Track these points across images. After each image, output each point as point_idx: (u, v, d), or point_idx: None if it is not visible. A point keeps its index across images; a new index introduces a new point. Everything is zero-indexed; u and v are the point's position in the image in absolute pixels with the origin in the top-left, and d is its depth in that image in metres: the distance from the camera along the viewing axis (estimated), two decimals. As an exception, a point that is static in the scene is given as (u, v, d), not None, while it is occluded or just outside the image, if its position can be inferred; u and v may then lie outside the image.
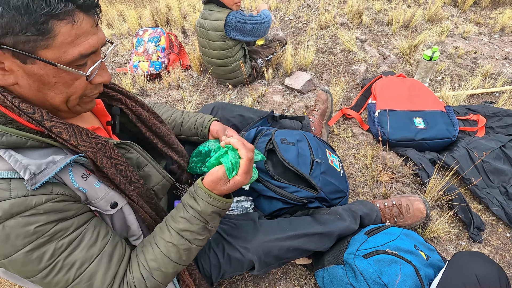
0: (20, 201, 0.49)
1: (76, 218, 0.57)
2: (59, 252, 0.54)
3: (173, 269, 0.67)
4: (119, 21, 4.04)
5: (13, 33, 0.47)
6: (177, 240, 0.66)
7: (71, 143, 0.56)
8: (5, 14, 0.45)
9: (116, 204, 0.64)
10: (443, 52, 2.56)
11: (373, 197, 1.39)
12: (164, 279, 0.66)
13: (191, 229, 0.67)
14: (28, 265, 0.52)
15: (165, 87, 2.33)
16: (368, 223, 1.11)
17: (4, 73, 0.51)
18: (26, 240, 0.50)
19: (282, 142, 1.10)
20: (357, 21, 2.99)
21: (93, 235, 0.59)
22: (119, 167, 0.64)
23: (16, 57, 0.49)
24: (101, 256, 0.59)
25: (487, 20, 3.15)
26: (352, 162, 1.57)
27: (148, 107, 0.87)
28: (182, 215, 0.68)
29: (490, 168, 1.41)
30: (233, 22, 1.86)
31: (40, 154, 0.54)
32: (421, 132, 1.54)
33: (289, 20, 3.17)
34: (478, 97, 2.04)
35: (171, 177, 0.80)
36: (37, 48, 0.49)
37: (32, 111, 0.53)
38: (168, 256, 0.66)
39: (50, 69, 0.52)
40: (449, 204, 1.33)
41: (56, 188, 0.54)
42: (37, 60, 0.50)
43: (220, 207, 0.68)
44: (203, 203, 0.67)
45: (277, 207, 1.09)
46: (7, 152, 0.51)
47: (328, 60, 2.45)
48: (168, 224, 0.69)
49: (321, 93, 1.66)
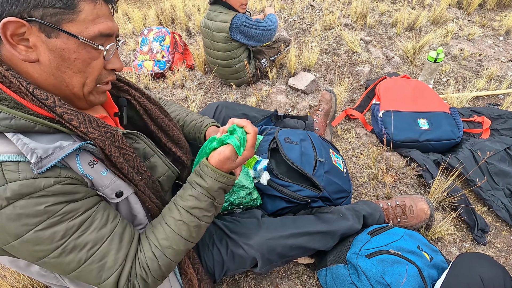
0: (29, 183, 0.50)
1: (85, 200, 0.58)
2: (71, 232, 0.55)
3: (184, 246, 0.68)
4: (124, 21, 4.06)
5: (42, 5, 0.50)
6: (187, 217, 0.68)
7: (80, 130, 0.57)
8: None
9: (121, 193, 0.65)
10: (448, 54, 2.56)
11: (377, 198, 1.39)
12: (176, 256, 0.68)
13: (200, 206, 0.69)
14: (40, 244, 0.52)
15: (169, 86, 2.34)
16: (371, 223, 1.11)
17: (27, 50, 0.53)
18: (38, 219, 0.51)
19: (285, 141, 1.11)
20: (362, 23, 2.99)
21: (103, 216, 0.60)
22: (127, 157, 0.65)
23: (42, 31, 0.52)
24: (112, 237, 0.60)
25: (493, 23, 3.14)
26: (355, 163, 1.57)
27: (155, 100, 0.88)
28: (191, 193, 0.70)
29: (495, 170, 1.40)
30: (238, 25, 1.86)
31: (48, 139, 0.55)
32: (425, 133, 1.54)
33: (294, 21, 3.17)
34: (483, 99, 2.03)
35: (176, 168, 0.81)
36: (63, 21, 0.53)
37: (45, 97, 0.54)
38: (179, 234, 0.67)
39: (72, 43, 0.55)
40: (453, 206, 1.32)
41: (64, 171, 0.55)
42: (61, 34, 0.53)
43: (226, 183, 0.71)
44: (210, 180, 0.70)
45: (281, 206, 1.09)
46: (15, 135, 0.51)
47: (332, 61, 2.45)
48: (177, 204, 0.70)
49: (325, 93, 1.66)
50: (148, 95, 0.86)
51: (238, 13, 1.88)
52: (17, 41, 0.52)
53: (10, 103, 0.52)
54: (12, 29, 0.50)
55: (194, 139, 1.03)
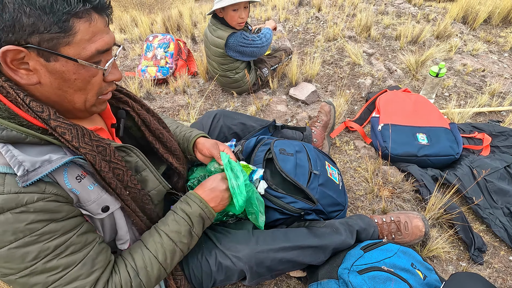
0: (12, 197, 0.50)
1: (65, 222, 0.57)
2: (43, 254, 0.54)
3: (157, 271, 0.70)
4: (132, 26, 4.13)
5: (39, 31, 0.50)
6: (166, 240, 0.72)
7: (72, 144, 0.58)
8: (31, 14, 0.48)
9: (107, 208, 0.65)
10: (451, 68, 2.55)
11: (373, 212, 1.37)
12: (148, 280, 0.68)
13: (179, 230, 0.74)
14: (10, 262, 0.52)
15: (171, 92, 2.36)
16: (365, 238, 1.09)
17: (28, 73, 0.54)
18: (13, 237, 0.51)
19: (280, 152, 1.10)
20: (365, 35, 3.00)
21: (80, 241, 0.59)
22: (117, 171, 0.65)
23: (40, 56, 0.52)
24: (84, 262, 0.59)
25: (498, 39, 3.14)
26: (352, 175, 1.56)
27: (153, 111, 0.89)
28: (172, 218, 0.76)
29: (494, 188, 1.38)
30: (235, 45, 1.85)
31: (38, 151, 0.55)
32: (424, 148, 1.52)
33: (297, 31, 3.20)
34: (485, 116, 2.01)
35: (167, 183, 0.82)
36: (60, 45, 0.53)
37: (41, 109, 0.55)
38: (155, 256, 0.70)
39: (71, 65, 0.55)
40: (450, 223, 1.30)
41: (50, 187, 0.54)
42: (59, 57, 0.54)
43: (207, 214, 0.80)
44: (194, 205, 0.78)
45: (274, 217, 1.08)
46: (5, 146, 0.52)
47: (334, 72, 2.46)
48: (158, 227, 0.75)
49: (324, 104, 1.66)
50: (147, 106, 0.87)
51: (235, 31, 1.86)
52: (17, 66, 0.53)
53: (4, 113, 0.53)
54: (11, 56, 0.51)
55: (184, 150, 1.03)
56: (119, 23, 4.26)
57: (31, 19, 0.49)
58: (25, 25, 0.49)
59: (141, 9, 6.48)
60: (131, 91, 0.85)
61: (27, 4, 0.48)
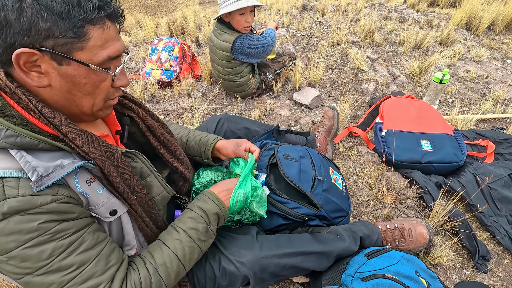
0: (27, 200, 0.51)
1: (77, 221, 0.59)
2: (58, 252, 0.56)
3: (176, 267, 0.71)
4: (136, 29, 4.16)
5: (54, 36, 0.51)
6: (184, 237, 0.74)
7: (83, 150, 0.59)
8: (48, 19, 0.50)
9: (115, 211, 0.66)
10: (454, 75, 2.55)
11: (376, 218, 1.37)
12: (167, 277, 0.69)
13: (197, 227, 0.77)
14: (26, 261, 0.53)
15: (175, 95, 2.37)
16: (368, 245, 1.09)
17: (39, 76, 0.55)
18: (28, 236, 0.52)
19: (285, 157, 1.11)
20: (369, 40, 3.01)
21: (92, 238, 0.61)
22: (124, 176, 0.67)
23: (54, 59, 0.54)
24: (98, 259, 0.61)
25: (501, 45, 3.14)
26: (356, 181, 1.56)
27: (157, 117, 0.90)
28: (190, 215, 0.78)
29: (498, 195, 1.37)
30: (242, 48, 1.87)
31: (50, 157, 0.57)
32: (427, 154, 1.52)
33: (301, 36, 3.22)
34: (489, 122, 2.01)
35: (171, 189, 0.83)
36: (73, 50, 0.54)
37: (53, 115, 0.57)
38: (174, 252, 0.72)
39: (82, 70, 0.57)
40: (454, 230, 1.30)
41: (62, 190, 0.56)
42: (71, 61, 0.55)
43: (222, 212, 0.83)
44: (211, 203, 0.81)
45: (277, 223, 1.08)
46: (19, 152, 0.53)
47: (337, 77, 2.47)
48: (176, 225, 0.77)
49: (327, 110, 1.66)
50: (151, 112, 0.88)
51: (241, 34, 1.88)
52: (29, 68, 0.54)
53: (17, 120, 0.55)
54: (25, 58, 0.52)
55: (199, 154, 1.05)
56: (124, 25, 4.29)
57: (47, 23, 0.50)
58: (41, 30, 0.50)
59: (146, 11, 6.52)
60: (136, 97, 0.86)
61: (45, 10, 0.49)
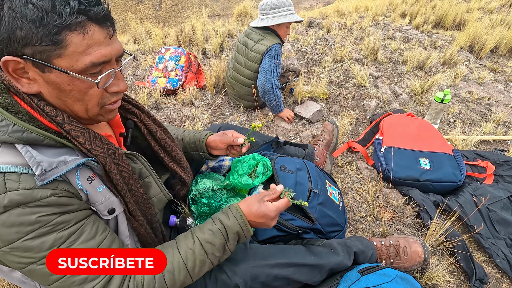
0: (27, 193, 0.53)
1: (77, 213, 0.60)
2: (59, 243, 0.57)
3: (183, 277, 0.70)
4: (146, 38, 4.27)
5: (31, 43, 0.51)
6: (198, 249, 0.72)
7: (85, 147, 0.61)
8: (23, 26, 0.50)
9: (113, 210, 0.67)
10: (456, 95, 2.57)
11: (372, 234, 1.36)
12: (173, 284, 0.68)
13: (213, 242, 0.73)
14: (28, 251, 0.54)
15: (179, 103, 2.41)
16: (362, 261, 1.08)
17: (29, 82, 0.56)
18: (30, 228, 0.53)
19: (281, 169, 1.11)
20: (372, 58, 3.06)
21: (92, 229, 0.62)
22: (123, 174, 0.68)
23: (36, 66, 0.54)
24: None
25: (504, 68, 3.17)
26: (353, 196, 1.55)
27: (159, 122, 0.92)
28: (210, 228, 0.75)
29: (496, 217, 1.36)
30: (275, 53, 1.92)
31: (54, 153, 0.58)
32: (426, 173, 1.52)
33: (306, 51, 3.28)
34: (489, 144, 2.01)
35: (168, 192, 0.83)
36: (52, 57, 0.53)
37: (55, 114, 0.58)
38: (185, 262, 0.70)
39: (64, 77, 0.55)
40: (451, 251, 1.28)
41: (62, 185, 0.57)
42: (52, 69, 0.54)
43: (244, 232, 0.77)
44: (233, 220, 0.76)
45: (271, 234, 1.08)
46: (24, 147, 0.55)
47: (339, 93, 2.49)
48: (194, 233, 0.75)
49: (327, 124, 1.68)
50: (154, 117, 0.90)
51: (280, 42, 1.96)
52: (20, 75, 0.55)
53: (24, 117, 0.56)
54: (12, 66, 0.54)
55: (195, 149, 1.07)
56: (134, 34, 4.40)
57: (23, 31, 0.50)
58: (19, 38, 0.50)
59: (157, 21, 6.69)
60: (139, 102, 0.89)
61: (19, 18, 0.49)
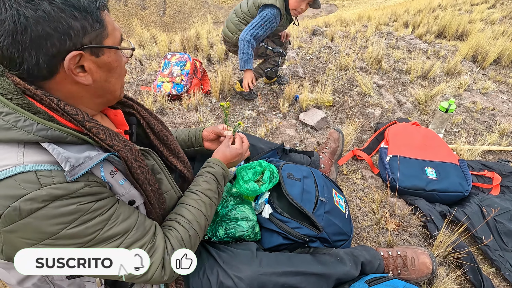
0: (63, 186, 0.55)
1: (110, 198, 0.63)
2: (101, 225, 0.60)
3: (204, 221, 0.82)
4: (151, 43, 4.31)
5: (87, 32, 0.57)
6: (203, 197, 0.84)
7: (107, 143, 0.63)
8: (80, 17, 0.55)
9: (133, 202, 0.70)
10: (460, 105, 2.57)
11: (378, 244, 1.34)
12: (200, 230, 0.79)
13: (211, 188, 0.87)
14: (74, 238, 0.58)
15: (184, 108, 2.42)
16: (369, 271, 1.06)
17: (85, 75, 0.60)
18: (72, 217, 0.56)
19: (288, 176, 1.11)
20: (376, 67, 3.07)
21: (125, 210, 0.66)
22: (141, 169, 0.70)
23: (93, 53, 0.59)
24: (137, 226, 0.67)
25: (507, 79, 3.18)
26: (359, 205, 1.54)
27: (156, 115, 0.93)
28: (202, 179, 0.89)
29: (504, 229, 1.34)
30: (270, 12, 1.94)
31: (77, 149, 0.60)
32: (432, 182, 1.51)
33: (310, 59, 3.30)
34: (494, 154, 2.00)
35: (179, 189, 0.85)
36: (103, 39, 0.60)
37: (75, 112, 0.60)
38: (199, 209, 0.81)
39: (113, 54, 0.63)
40: (458, 262, 1.26)
41: (91, 177, 0.60)
42: (105, 50, 0.61)
43: (226, 171, 0.95)
44: (217, 167, 0.93)
45: (277, 242, 1.07)
46: (50, 145, 0.56)
47: (344, 101, 2.50)
48: (193, 189, 0.86)
49: (333, 132, 1.68)
50: (150, 110, 0.92)
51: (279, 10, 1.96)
52: (75, 71, 0.58)
53: (45, 116, 0.57)
54: (73, 62, 0.57)
55: (190, 144, 1.14)
56: (139, 39, 4.45)
57: (81, 21, 0.55)
58: (76, 29, 0.55)
59: (162, 27, 6.76)
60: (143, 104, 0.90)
61: (73, 9, 0.54)
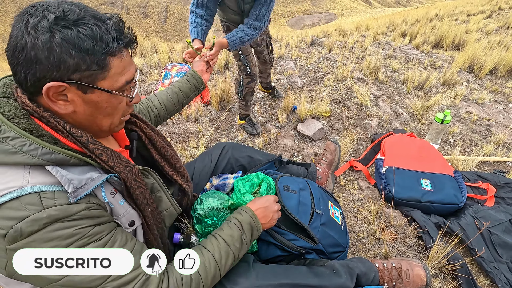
0: (64, 208, 0.57)
1: (108, 224, 0.65)
2: None
3: (214, 269, 0.77)
4: (152, 52, 4.37)
5: (80, 70, 0.57)
6: (221, 242, 0.82)
7: (108, 164, 0.66)
8: (76, 55, 0.56)
9: (133, 223, 0.72)
10: (457, 115, 2.61)
11: (374, 255, 1.36)
12: (205, 277, 0.75)
13: (233, 235, 0.84)
14: None
15: (183, 118, 2.45)
16: (365, 283, 1.08)
17: (65, 104, 0.61)
18: (68, 241, 0.57)
19: (284, 189, 1.13)
20: (373, 77, 3.12)
21: (122, 237, 0.67)
22: (140, 190, 0.72)
23: (79, 89, 0.60)
24: (133, 254, 0.66)
25: (503, 89, 3.22)
26: (355, 216, 1.56)
27: (158, 131, 0.96)
28: (227, 225, 0.86)
29: (498, 241, 1.36)
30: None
31: (79, 171, 0.63)
32: (427, 194, 1.53)
33: (308, 69, 3.35)
34: (490, 165, 2.02)
35: (178, 206, 0.87)
36: (97, 80, 0.60)
37: (80, 134, 0.63)
38: (213, 254, 0.79)
39: (105, 96, 0.63)
40: (453, 274, 1.27)
41: (92, 198, 0.62)
42: (95, 90, 0.61)
43: (256, 224, 0.90)
44: (245, 214, 0.89)
45: (274, 254, 1.08)
46: (54, 168, 0.59)
47: (341, 111, 2.54)
48: (214, 233, 0.85)
49: (330, 143, 1.70)
50: (152, 126, 0.94)
51: None
52: (56, 97, 0.60)
53: (49, 139, 0.60)
54: (53, 90, 0.58)
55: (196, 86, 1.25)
56: (140, 49, 4.51)
57: (75, 59, 0.56)
58: (70, 65, 0.56)
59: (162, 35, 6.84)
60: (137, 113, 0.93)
61: (72, 48, 0.55)
